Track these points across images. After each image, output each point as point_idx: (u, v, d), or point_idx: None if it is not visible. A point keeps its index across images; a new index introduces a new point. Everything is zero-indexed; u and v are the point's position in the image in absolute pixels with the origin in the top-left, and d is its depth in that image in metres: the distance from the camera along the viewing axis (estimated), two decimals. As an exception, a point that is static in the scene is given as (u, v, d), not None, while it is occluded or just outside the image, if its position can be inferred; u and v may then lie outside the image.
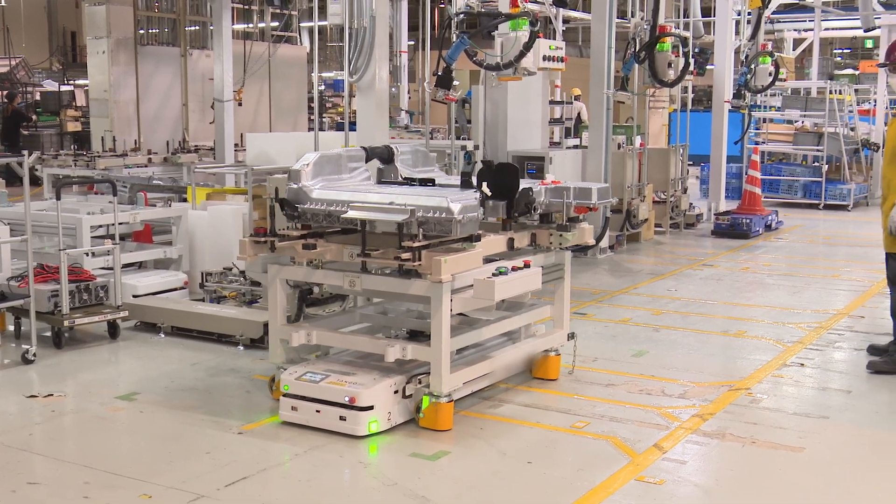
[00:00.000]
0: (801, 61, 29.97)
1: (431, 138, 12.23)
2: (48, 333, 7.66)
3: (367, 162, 6.55)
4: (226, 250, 9.35)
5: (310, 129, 16.31)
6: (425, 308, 6.57)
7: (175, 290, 8.99)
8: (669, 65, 12.04)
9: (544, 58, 8.85)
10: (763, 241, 13.73)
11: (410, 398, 5.77)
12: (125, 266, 8.81)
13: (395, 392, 5.70)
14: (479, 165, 6.04)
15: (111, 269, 8.06)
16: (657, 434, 5.73)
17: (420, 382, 5.75)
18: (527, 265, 5.87)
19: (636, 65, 12.38)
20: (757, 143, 17.83)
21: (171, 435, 5.72)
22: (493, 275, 5.59)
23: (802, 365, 7.28)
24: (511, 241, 6.19)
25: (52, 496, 4.86)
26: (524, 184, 6.17)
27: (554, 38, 13.74)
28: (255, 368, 7.06)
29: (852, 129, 18.45)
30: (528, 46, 8.25)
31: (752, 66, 14.51)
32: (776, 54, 15.58)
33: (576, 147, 13.26)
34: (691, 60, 12.56)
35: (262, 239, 5.97)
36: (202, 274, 8.92)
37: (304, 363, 6.06)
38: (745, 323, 8.61)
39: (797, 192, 17.98)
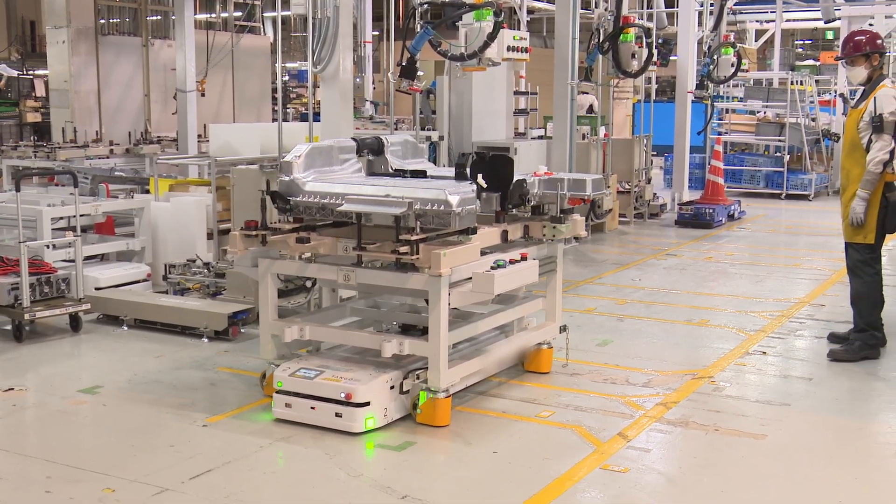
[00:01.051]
0: (762, 52, 30.19)
1: (396, 129, 12.20)
2: (8, 327, 7.56)
3: (357, 154, 6.46)
4: (189, 242, 9.29)
5: (274, 120, 16.21)
6: (414, 301, 6.53)
7: (138, 282, 8.92)
8: (633, 55, 12.10)
9: (508, 48, 8.85)
10: (726, 231, 13.85)
11: (407, 394, 5.68)
12: (87, 258, 8.71)
13: (392, 388, 5.62)
14: (472, 157, 5.97)
15: (72, 261, 7.98)
16: (622, 423, 5.76)
17: (418, 378, 5.66)
18: (524, 258, 5.81)
19: (600, 55, 12.43)
20: (720, 134, 17.98)
21: (134, 428, 5.67)
22: (492, 268, 5.53)
23: (764, 353, 7.35)
24: (505, 233, 6.13)
25: (14, 491, 4.80)
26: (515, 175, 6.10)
27: (518, 29, 13.76)
28: (219, 361, 7.02)
29: (813, 120, 18.64)
30: (492, 37, 8.25)
31: (715, 57, 14.61)
32: (738, 45, 15.71)
33: (540, 138, 13.29)
34: (655, 51, 12.63)
35: (254, 232, 5.84)
36: (165, 266, 8.85)
37: (297, 359, 5.95)
38: (708, 312, 8.69)
39: (759, 182, 18.14)
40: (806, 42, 40.81)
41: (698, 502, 4.77)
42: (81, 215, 8.31)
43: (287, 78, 28.39)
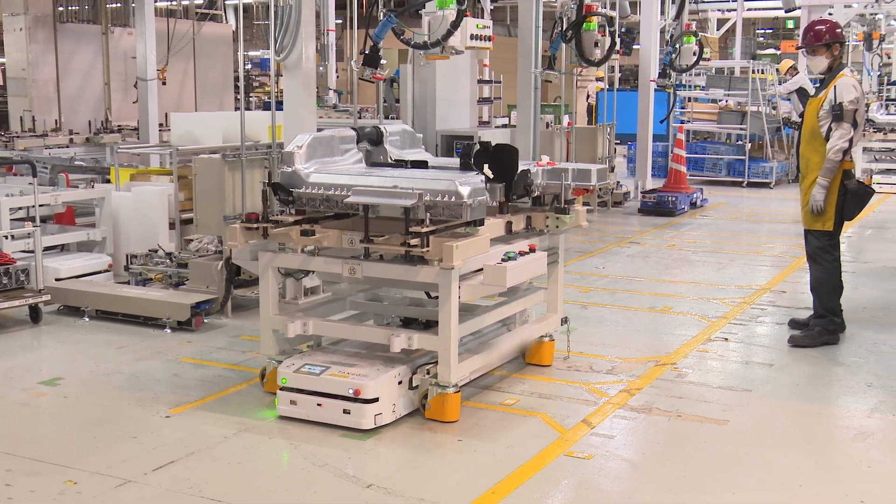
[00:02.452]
0: (724, 41, 30.44)
1: (360, 117, 12.16)
2: (-33, 319, 7.48)
3: (357, 143, 6.36)
4: (151, 232, 9.20)
5: (236, 109, 16.10)
6: (412, 293, 6.47)
7: (99, 272, 8.83)
8: (596, 44, 12.13)
9: (472, 37, 8.82)
10: (688, 219, 13.95)
11: (416, 389, 5.59)
12: (47, 249, 8.61)
13: (400, 383, 5.53)
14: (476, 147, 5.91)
15: (32, 252, 7.88)
16: (585, 410, 5.79)
17: (428, 373, 5.57)
18: (532, 249, 5.75)
19: (563, 44, 12.46)
20: (682, 122, 18.10)
21: (96, 420, 5.62)
22: (503, 260, 5.45)
23: (726, 339, 7.42)
24: (509, 224, 6.05)
25: (-27, 485, 4.75)
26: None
27: (482, 17, 13.75)
28: (182, 351, 6.97)
29: (774, 108, 18.82)
30: (455, 25, 8.21)
31: (677, 46, 14.69)
32: (700, 34, 15.81)
33: (504, 126, 13.31)
34: (617, 40, 12.68)
35: (255, 225, 5.71)
36: (127, 256, 8.77)
37: (300, 355, 5.83)
38: (671, 299, 8.75)
39: (721, 170, 18.29)
40: (767, 31, 41.16)
41: (661, 488, 4.81)
42: (41, 205, 8.21)
43: (249, 66, 28.21)
